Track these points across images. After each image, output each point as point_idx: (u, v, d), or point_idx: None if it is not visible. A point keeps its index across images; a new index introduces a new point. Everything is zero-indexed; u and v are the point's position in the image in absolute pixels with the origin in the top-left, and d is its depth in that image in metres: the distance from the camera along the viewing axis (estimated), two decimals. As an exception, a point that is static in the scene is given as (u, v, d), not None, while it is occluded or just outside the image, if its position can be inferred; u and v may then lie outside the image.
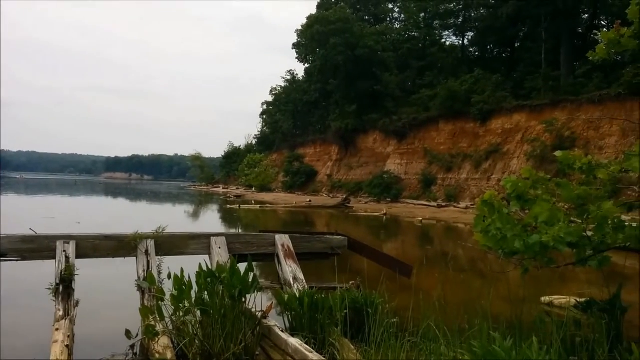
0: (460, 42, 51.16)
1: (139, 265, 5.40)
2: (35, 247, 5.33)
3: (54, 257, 5.17)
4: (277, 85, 73.33)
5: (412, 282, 5.50)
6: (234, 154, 75.52)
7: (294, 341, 3.78)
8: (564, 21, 33.75)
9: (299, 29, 52.27)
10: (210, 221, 24.40)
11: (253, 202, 37.92)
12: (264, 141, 71.56)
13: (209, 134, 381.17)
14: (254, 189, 56.20)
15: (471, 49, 50.77)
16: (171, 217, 24.41)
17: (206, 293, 4.16)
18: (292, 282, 5.53)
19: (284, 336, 3.93)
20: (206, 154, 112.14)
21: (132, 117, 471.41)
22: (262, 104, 76.10)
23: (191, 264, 4.54)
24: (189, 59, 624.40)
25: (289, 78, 69.81)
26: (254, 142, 75.01)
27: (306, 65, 57.15)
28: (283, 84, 71.31)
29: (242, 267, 4.34)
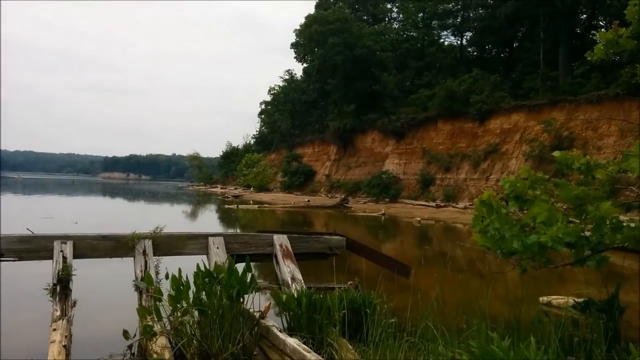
0: (459, 42, 51.28)
1: (136, 265, 5.38)
2: (33, 247, 5.31)
3: (51, 257, 5.16)
4: (275, 85, 73.46)
5: (411, 282, 5.50)
6: (232, 154, 75.46)
7: (292, 341, 3.77)
8: (562, 21, 33.83)
9: (298, 28, 52.34)
10: (208, 221, 24.37)
11: (251, 202, 37.89)
12: (262, 141, 71.54)
13: (207, 134, 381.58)
14: (252, 188, 56.19)
15: (469, 49, 50.85)
16: (169, 217, 24.39)
17: (204, 293, 4.15)
18: (290, 282, 5.52)
19: (282, 336, 3.93)
20: (204, 153, 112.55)
21: (129, 117, 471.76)
22: (261, 103, 76.29)
23: (189, 264, 4.53)
24: (189, 59, 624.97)
25: (287, 78, 69.92)
26: (252, 142, 75.03)
27: (304, 65, 57.19)
28: (281, 84, 71.41)
29: (240, 267, 4.34)
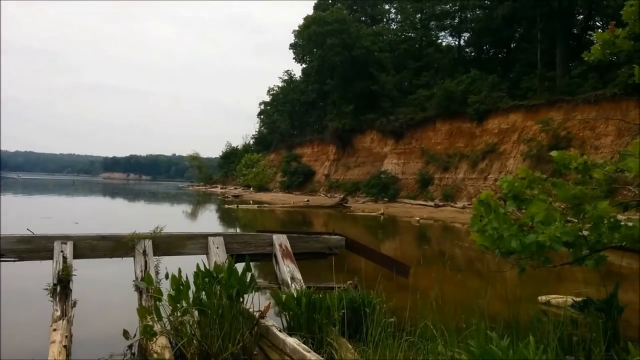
0: (457, 43, 51.35)
1: (136, 265, 5.39)
2: (33, 248, 5.31)
3: (51, 258, 5.16)
4: (274, 85, 73.51)
5: (410, 282, 5.52)
6: (231, 154, 75.44)
7: (291, 341, 3.78)
8: (559, 22, 33.88)
9: (296, 29, 52.37)
10: (208, 221, 24.36)
11: (251, 202, 37.87)
12: (261, 141, 71.54)
13: (207, 134, 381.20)
14: (251, 188, 56.19)
15: (467, 49, 50.96)
16: (169, 217, 24.36)
17: (204, 293, 4.16)
18: (289, 282, 5.53)
19: (281, 336, 3.94)
20: (204, 154, 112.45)
21: (130, 117, 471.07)
22: (260, 104, 76.29)
23: (189, 264, 4.54)
24: (189, 59, 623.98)
25: (286, 78, 69.94)
26: (251, 142, 75.02)
27: (303, 65, 57.21)
28: (280, 84, 71.44)
29: (239, 267, 4.35)
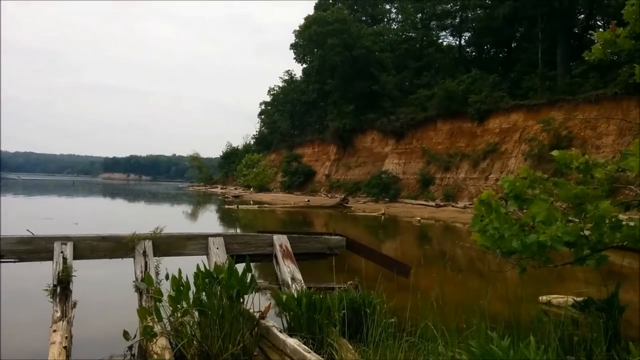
0: (457, 43, 51.35)
1: (136, 266, 5.38)
2: (33, 249, 5.30)
3: (51, 259, 5.16)
4: (275, 85, 73.51)
5: (410, 282, 5.51)
6: (232, 154, 75.47)
7: (292, 341, 3.78)
8: (559, 21, 33.85)
9: (297, 29, 52.38)
10: (208, 221, 24.36)
11: (251, 202, 37.87)
12: (262, 141, 71.55)
13: (207, 134, 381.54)
14: (252, 189, 56.18)
15: (468, 49, 50.94)
16: (169, 217, 24.37)
17: (204, 294, 4.15)
18: (290, 283, 5.52)
19: (282, 336, 3.93)
20: (204, 154, 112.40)
21: (130, 117, 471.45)
22: (260, 104, 76.30)
23: (189, 265, 4.53)
24: (189, 59, 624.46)
25: (286, 78, 69.95)
26: (252, 142, 75.01)
27: (304, 65, 57.22)
28: (281, 84, 71.44)
29: (240, 268, 4.34)
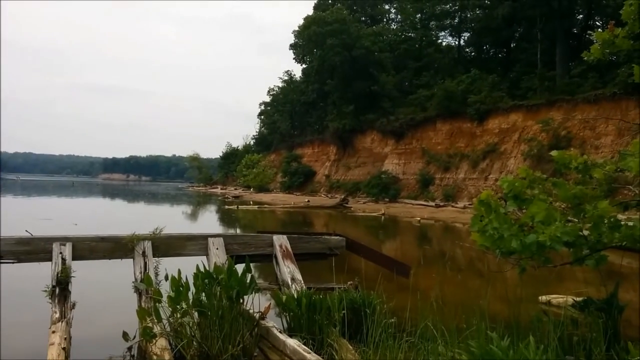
0: (457, 43, 51.40)
1: (136, 266, 5.37)
2: (32, 249, 5.29)
3: (50, 259, 5.15)
4: (274, 85, 73.48)
5: (410, 282, 5.51)
6: (232, 155, 75.46)
7: (292, 342, 3.78)
8: (558, 22, 33.90)
9: (296, 29, 52.40)
10: (208, 222, 24.35)
11: (251, 202, 37.86)
12: (262, 142, 71.54)
13: (207, 134, 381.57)
14: (252, 189, 56.15)
15: (467, 49, 51.01)
16: (168, 218, 24.36)
17: (204, 294, 4.15)
18: (290, 283, 5.52)
19: (282, 337, 3.93)
20: (204, 154, 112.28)
21: (130, 117, 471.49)
22: (260, 104, 76.25)
23: (188, 265, 4.52)
24: (189, 59, 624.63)
25: (286, 78, 69.93)
26: (252, 143, 75.02)
27: (303, 65, 57.24)
28: (280, 85, 71.44)
29: (239, 268, 4.33)
